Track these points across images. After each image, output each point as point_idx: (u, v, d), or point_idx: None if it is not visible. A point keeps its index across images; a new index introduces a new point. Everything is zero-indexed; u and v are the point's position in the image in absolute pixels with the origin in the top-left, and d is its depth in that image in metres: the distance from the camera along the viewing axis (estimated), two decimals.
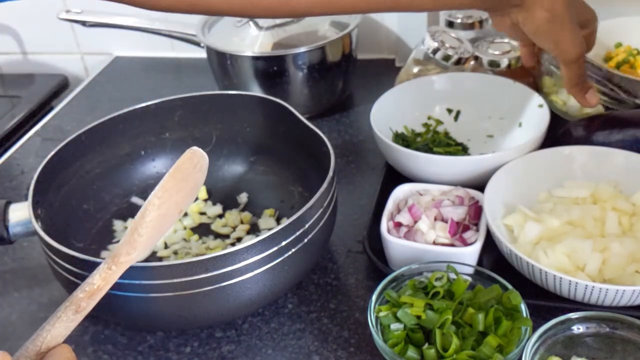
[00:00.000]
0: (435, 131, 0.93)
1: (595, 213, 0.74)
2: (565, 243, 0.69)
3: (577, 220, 0.73)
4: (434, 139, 0.90)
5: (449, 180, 0.79)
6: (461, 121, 0.95)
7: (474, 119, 0.94)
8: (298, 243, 0.67)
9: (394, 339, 0.61)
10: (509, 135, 0.91)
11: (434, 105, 0.95)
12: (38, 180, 0.73)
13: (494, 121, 0.93)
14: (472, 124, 0.94)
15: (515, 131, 0.90)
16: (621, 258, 0.68)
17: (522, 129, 0.90)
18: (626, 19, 1.10)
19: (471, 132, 0.93)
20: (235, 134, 0.88)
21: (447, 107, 0.95)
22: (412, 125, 0.93)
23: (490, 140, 0.92)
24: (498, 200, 0.75)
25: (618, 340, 0.62)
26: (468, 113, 0.95)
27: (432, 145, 0.88)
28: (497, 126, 0.93)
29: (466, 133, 0.93)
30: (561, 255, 0.69)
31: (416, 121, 0.94)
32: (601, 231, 0.73)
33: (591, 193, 0.77)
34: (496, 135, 0.92)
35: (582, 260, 0.68)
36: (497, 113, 0.93)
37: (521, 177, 0.78)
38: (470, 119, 0.94)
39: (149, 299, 0.64)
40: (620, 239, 0.70)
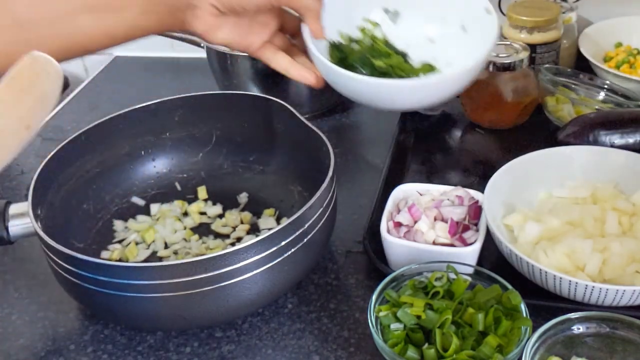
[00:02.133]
0: (372, 37, 0.82)
1: (595, 213, 0.73)
2: (565, 243, 0.69)
3: (577, 220, 0.73)
4: (372, 48, 0.81)
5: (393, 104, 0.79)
6: (400, 23, 0.84)
7: (414, 21, 0.84)
8: (298, 243, 0.67)
9: (394, 339, 0.61)
10: (452, 41, 0.82)
11: (369, 4, 0.84)
12: (38, 180, 0.73)
13: (436, 25, 0.83)
14: (411, 28, 0.84)
15: (459, 37, 0.82)
16: (621, 258, 0.68)
17: (467, 35, 0.82)
18: (626, 19, 1.11)
19: (411, 35, 0.83)
20: (235, 133, 0.88)
21: (383, 7, 0.84)
22: (348, 29, 0.82)
23: (431, 46, 0.83)
24: (498, 200, 0.75)
25: (618, 340, 0.62)
26: (407, 14, 0.84)
27: (370, 56, 0.79)
28: (440, 30, 0.83)
29: (406, 37, 0.83)
30: (561, 255, 0.69)
31: (352, 24, 0.83)
32: (601, 231, 0.73)
33: (591, 193, 0.77)
34: (438, 40, 0.83)
35: (582, 260, 0.68)
36: (437, 14, 0.83)
37: (521, 176, 0.78)
38: (410, 22, 0.84)
39: (149, 299, 0.64)
40: (620, 239, 0.70)
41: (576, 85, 0.95)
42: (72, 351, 0.70)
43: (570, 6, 1.06)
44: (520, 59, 0.93)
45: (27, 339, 0.72)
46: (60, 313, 0.75)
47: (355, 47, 0.81)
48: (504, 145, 0.96)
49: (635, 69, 1.02)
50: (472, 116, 0.99)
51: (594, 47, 1.06)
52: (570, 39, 1.05)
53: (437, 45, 0.83)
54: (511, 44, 0.95)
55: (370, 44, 0.82)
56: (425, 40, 0.83)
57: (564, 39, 1.03)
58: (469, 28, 0.82)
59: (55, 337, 0.72)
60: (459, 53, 0.80)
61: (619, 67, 1.03)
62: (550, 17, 0.98)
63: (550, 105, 0.96)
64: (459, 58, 0.80)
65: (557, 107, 0.95)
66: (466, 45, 0.80)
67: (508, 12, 1.00)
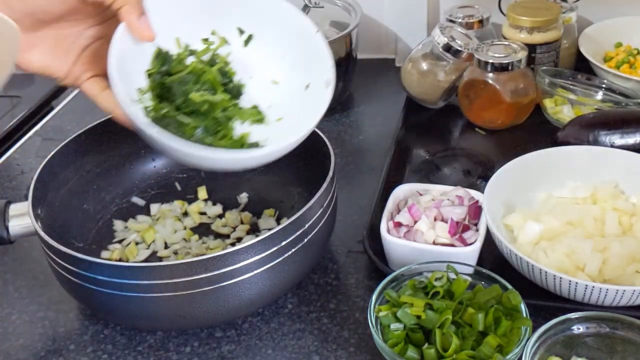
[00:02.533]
0: (215, 54, 0.69)
1: (595, 213, 0.74)
2: (565, 243, 0.69)
3: (577, 220, 0.73)
4: (200, 75, 0.67)
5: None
6: (251, 49, 0.70)
7: (266, 53, 0.70)
8: (298, 243, 0.67)
9: (394, 338, 0.61)
10: (294, 92, 0.70)
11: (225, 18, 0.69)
12: (38, 180, 0.73)
13: (285, 66, 0.70)
14: (260, 58, 0.71)
15: (300, 93, 0.69)
16: (621, 258, 0.68)
17: (308, 93, 0.69)
18: (626, 19, 1.11)
19: (257, 67, 0.70)
20: None
21: (238, 26, 0.70)
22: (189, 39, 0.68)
23: (273, 87, 0.71)
24: (498, 200, 0.75)
25: (618, 340, 0.62)
26: (261, 44, 0.70)
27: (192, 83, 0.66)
28: (288, 74, 0.70)
29: (251, 67, 0.70)
30: (561, 255, 0.69)
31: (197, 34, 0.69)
32: (601, 231, 0.73)
33: (591, 193, 0.77)
34: (282, 84, 0.71)
35: (582, 260, 0.68)
36: (291, 59, 0.70)
37: (521, 176, 0.78)
38: (262, 53, 0.70)
39: (149, 299, 0.64)
40: (620, 239, 0.70)
41: (574, 86, 0.96)
42: (72, 351, 0.70)
43: (570, 6, 1.06)
44: (519, 59, 0.93)
45: (27, 339, 0.72)
46: (60, 313, 0.75)
47: (190, 61, 0.68)
48: (504, 145, 0.95)
49: (635, 69, 1.02)
50: (470, 116, 0.99)
51: (594, 47, 1.06)
52: (570, 39, 1.05)
53: (279, 90, 0.71)
54: (509, 44, 0.96)
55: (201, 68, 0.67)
56: (269, 80, 0.71)
57: (564, 39, 1.03)
58: (311, 90, 0.70)
59: (55, 337, 0.72)
60: (291, 111, 0.70)
61: (619, 67, 1.03)
62: (550, 17, 0.98)
63: (549, 107, 0.96)
64: (289, 117, 0.70)
65: (556, 108, 0.95)
66: (301, 107, 0.69)
67: (508, 12, 1.00)
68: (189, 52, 0.68)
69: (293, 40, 0.69)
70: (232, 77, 0.70)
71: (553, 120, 0.96)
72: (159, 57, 0.66)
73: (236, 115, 0.68)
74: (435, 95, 1.01)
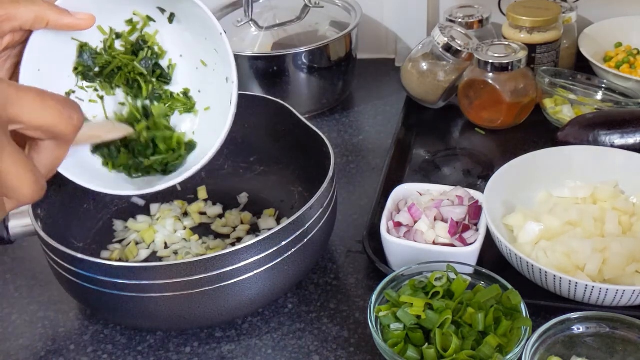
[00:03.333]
0: (142, 36, 0.66)
1: (595, 213, 0.74)
2: (565, 243, 0.69)
3: (577, 220, 0.73)
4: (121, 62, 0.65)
5: None
6: (175, 26, 0.66)
7: (191, 31, 0.66)
8: (298, 243, 0.67)
9: (394, 338, 0.61)
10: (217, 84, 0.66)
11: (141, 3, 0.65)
12: None
13: (210, 46, 0.65)
14: (188, 36, 0.66)
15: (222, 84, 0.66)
16: (621, 258, 0.68)
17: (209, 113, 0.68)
18: (626, 19, 1.10)
19: (185, 46, 0.67)
20: (235, 133, 0.88)
21: (158, 6, 0.65)
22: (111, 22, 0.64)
23: (201, 69, 0.67)
24: (498, 200, 0.75)
25: (618, 340, 0.62)
26: (185, 21, 0.65)
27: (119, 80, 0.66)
28: (213, 57, 0.66)
29: (179, 48, 0.67)
30: (561, 255, 0.69)
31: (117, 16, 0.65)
32: (601, 231, 0.73)
33: (591, 193, 0.77)
34: (210, 65, 0.67)
35: (582, 261, 0.68)
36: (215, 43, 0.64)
37: (521, 176, 0.78)
38: (189, 33, 0.66)
39: (149, 299, 0.64)
40: (620, 239, 0.70)
41: (574, 86, 0.95)
42: (72, 351, 0.70)
43: (570, 6, 1.06)
44: (519, 59, 0.93)
45: (27, 339, 0.72)
46: (60, 313, 0.75)
47: (119, 45, 0.65)
48: (504, 145, 0.96)
49: (635, 69, 1.02)
50: (470, 116, 0.99)
51: (594, 47, 1.06)
52: (570, 39, 1.05)
53: (207, 74, 0.67)
54: (509, 44, 0.96)
55: (131, 46, 0.65)
56: (198, 61, 0.67)
57: (564, 39, 1.03)
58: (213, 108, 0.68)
59: (55, 337, 0.72)
60: (215, 102, 0.68)
61: (618, 67, 1.03)
62: (550, 17, 0.98)
63: (549, 107, 0.96)
64: (215, 107, 0.68)
65: (556, 108, 0.95)
66: (221, 99, 0.66)
67: (508, 12, 1.00)
68: (115, 35, 0.65)
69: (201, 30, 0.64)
70: (163, 56, 0.67)
71: (553, 120, 0.96)
72: (83, 51, 0.64)
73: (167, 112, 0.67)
74: (435, 95, 1.01)
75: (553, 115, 0.96)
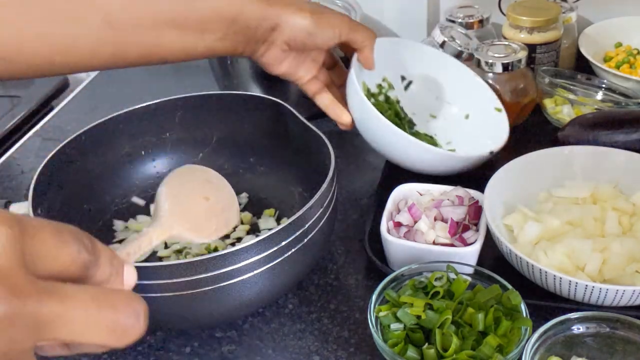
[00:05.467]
0: (387, 96, 0.91)
1: (595, 213, 0.74)
2: (565, 243, 0.69)
3: (577, 220, 0.73)
4: (389, 107, 0.89)
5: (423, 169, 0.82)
6: (410, 92, 0.93)
7: (423, 94, 0.93)
8: (298, 243, 0.67)
9: (394, 339, 0.61)
10: (452, 123, 0.92)
11: (391, 69, 0.91)
12: (38, 180, 0.73)
13: (440, 103, 0.93)
14: (419, 99, 0.93)
15: (461, 122, 0.91)
16: (621, 258, 0.68)
17: (469, 121, 0.92)
18: (626, 19, 1.10)
19: (417, 106, 0.93)
20: (235, 134, 0.88)
21: (401, 74, 0.93)
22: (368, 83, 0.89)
23: (432, 120, 0.93)
24: (498, 200, 0.75)
25: (618, 340, 0.62)
26: (418, 86, 0.93)
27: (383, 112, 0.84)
28: (443, 109, 0.93)
29: (412, 106, 0.92)
30: (561, 255, 0.69)
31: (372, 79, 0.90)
32: (601, 231, 0.73)
33: (591, 193, 0.77)
34: (439, 118, 0.93)
35: (582, 261, 0.68)
36: (446, 96, 0.93)
37: (521, 176, 0.78)
38: (419, 93, 0.93)
39: (149, 299, 0.63)
40: (621, 238, 0.70)
41: (574, 86, 0.95)
42: None
43: (570, 6, 1.06)
44: (519, 58, 0.93)
45: None
46: None
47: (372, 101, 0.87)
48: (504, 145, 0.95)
49: (635, 69, 1.02)
50: None
51: (594, 47, 1.06)
52: (570, 39, 1.05)
53: (438, 121, 0.93)
54: (509, 43, 0.95)
55: (384, 100, 0.90)
56: (428, 115, 0.93)
57: (564, 39, 1.03)
58: (473, 117, 0.91)
59: None
60: (456, 136, 0.90)
61: (618, 67, 1.03)
62: (550, 17, 0.98)
63: (549, 108, 0.96)
64: (457, 141, 0.90)
65: (556, 109, 0.95)
66: (467, 133, 0.90)
67: (508, 12, 1.00)
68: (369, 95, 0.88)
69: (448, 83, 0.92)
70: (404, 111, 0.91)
71: (553, 120, 0.96)
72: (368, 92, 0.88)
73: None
74: None
75: (553, 115, 0.96)
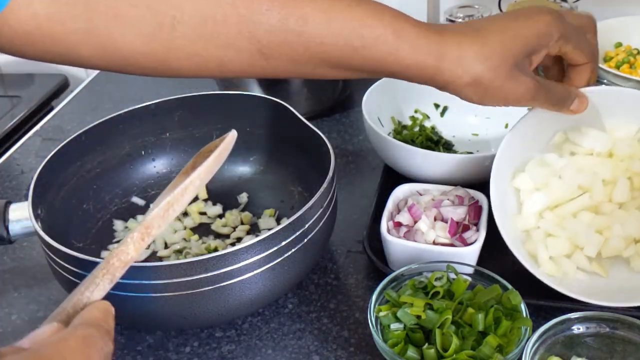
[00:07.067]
0: (421, 125, 0.94)
1: (606, 175, 0.70)
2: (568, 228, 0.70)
3: (588, 185, 0.70)
4: (419, 134, 0.91)
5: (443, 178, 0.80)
6: (447, 117, 0.96)
7: (461, 115, 0.94)
8: (298, 243, 0.67)
9: (394, 338, 0.61)
10: (494, 135, 0.92)
11: (422, 99, 0.95)
12: (38, 180, 0.73)
13: (480, 120, 0.95)
14: (458, 121, 0.95)
15: (501, 132, 0.91)
16: (621, 240, 0.69)
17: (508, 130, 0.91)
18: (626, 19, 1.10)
19: (456, 128, 0.95)
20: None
21: (434, 102, 0.95)
22: (398, 117, 0.94)
23: (475, 138, 0.94)
24: (508, 162, 0.72)
25: (618, 340, 0.62)
26: (455, 109, 0.95)
27: (415, 139, 0.90)
28: (483, 125, 0.94)
29: (451, 130, 0.94)
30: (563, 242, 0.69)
31: (403, 113, 0.95)
32: (609, 197, 0.71)
33: (609, 150, 0.72)
34: (481, 134, 0.94)
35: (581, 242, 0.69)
36: (483, 112, 0.94)
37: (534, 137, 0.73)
38: (457, 116, 0.95)
39: (148, 299, 0.64)
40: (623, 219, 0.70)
41: None
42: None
43: (570, 6, 1.06)
44: None
45: None
46: None
47: (405, 132, 0.92)
48: None
49: (635, 69, 1.02)
50: None
51: None
52: None
53: (480, 137, 0.94)
54: None
55: (418, 131, 0.93)
56: (470, 134, 0.94)
57: None
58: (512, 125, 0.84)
59: None
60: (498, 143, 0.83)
61: (618, 67, 1.03)
62: None
63: None
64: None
65: None
66: None
67: None
68: (402, 127, 0.93)
69: None
70: (441, 135, 0.94)
71: None
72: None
73: None
74: None
75: None
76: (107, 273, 0.49)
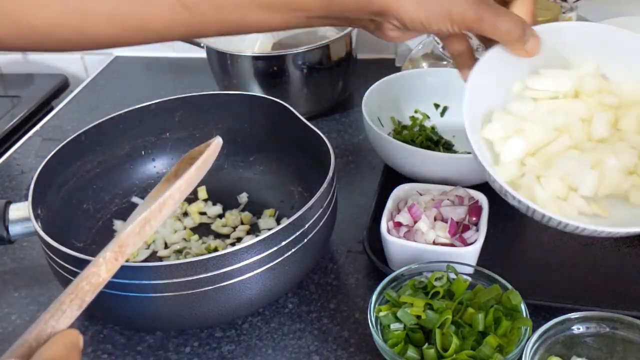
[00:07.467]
0: (421, 125, 0.94)
1: (582, 113, 0.65)
2: (560, 166, 0.62)
3: (564, 126, 0.64)
4: (419, 134, 0.91)
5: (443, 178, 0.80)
6: (447, 117, 0.95)
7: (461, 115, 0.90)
8: (298, 243, 0.67)
9: (394, 338, 0.61)
10: None
11: (422, 99, 0.95)
12: (38, 180, 0.73)
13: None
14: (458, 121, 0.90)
15: None
16: (617, 173, 0.61)
17: None
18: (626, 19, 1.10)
19: (456, 129, 0.92)
20: (235, 133, 0.88)
21: (434, 102, 0.95)
22: (398, 117, 0.94)
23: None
24: (478, 109, 0.66)
25: (618, 340, 0.62)
26: (455, 109, 0.94)
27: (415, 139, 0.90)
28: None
29: (451, 130, 0.93)
30: (558, 182, 0.61)
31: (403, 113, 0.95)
32: (589, 135, 0.64)
33: (574, 88, 0.66)
34: None
35: (575, 182, 0.61)
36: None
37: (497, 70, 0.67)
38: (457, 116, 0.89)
39: (149, 299, 0.64)
40: (614, 150, 0.62)
41: None
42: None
43: (570, 6, 1.06)
44: None
45: None
46: None
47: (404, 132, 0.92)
48: None
49: None
50: None
51: None
52: None
53: None
54: None
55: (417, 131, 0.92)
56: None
57: None
58: None
59: None
60: None
61: None
62: (550, 17, 0.98)
63: None
64: None
65: None
66: None
67: None
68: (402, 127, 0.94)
69: None
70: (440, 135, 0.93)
71: None
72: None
73: None
74: None
75: None
76: (76, 298, 0.45)
